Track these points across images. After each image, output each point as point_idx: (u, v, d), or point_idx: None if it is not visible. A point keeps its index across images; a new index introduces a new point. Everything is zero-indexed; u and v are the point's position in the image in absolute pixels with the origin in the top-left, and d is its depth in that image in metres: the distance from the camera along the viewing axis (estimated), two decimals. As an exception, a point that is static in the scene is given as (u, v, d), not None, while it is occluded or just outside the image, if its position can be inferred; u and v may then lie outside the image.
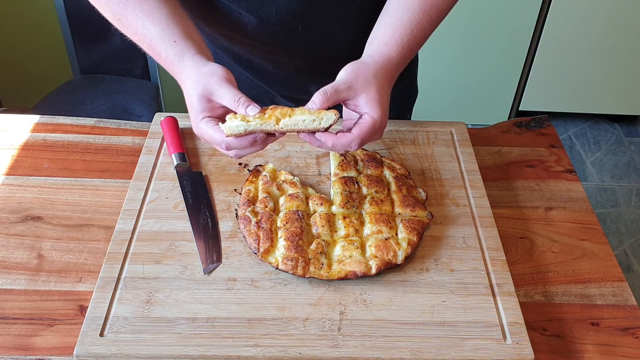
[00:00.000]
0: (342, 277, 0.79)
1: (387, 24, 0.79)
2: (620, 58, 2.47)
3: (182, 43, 0.75)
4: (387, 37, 0.78)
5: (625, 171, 2.52)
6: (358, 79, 0.74)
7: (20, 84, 2.50)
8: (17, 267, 0.85)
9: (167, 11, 0.77)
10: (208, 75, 0.73)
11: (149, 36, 0.76)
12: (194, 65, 0.74)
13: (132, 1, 0.76)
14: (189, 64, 0.75)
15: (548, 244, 0.92)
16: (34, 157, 1.03)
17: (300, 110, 0.74)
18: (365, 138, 0.74)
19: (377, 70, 0.76)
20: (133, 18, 0.76)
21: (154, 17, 0.76)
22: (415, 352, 0.72)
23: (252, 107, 0.72)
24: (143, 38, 0.77)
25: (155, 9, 0.76)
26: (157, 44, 0.76)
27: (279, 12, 0.86)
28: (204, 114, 0.74)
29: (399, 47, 0.78)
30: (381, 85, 0.75)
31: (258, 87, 1.05)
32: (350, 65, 0.76)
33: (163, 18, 0.76)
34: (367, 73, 0.75)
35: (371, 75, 0.75)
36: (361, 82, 0.74)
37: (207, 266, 0.81)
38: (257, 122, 0.73)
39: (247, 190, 0.90)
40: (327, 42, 0.93)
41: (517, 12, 2.33)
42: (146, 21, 0.76)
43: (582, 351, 0.78)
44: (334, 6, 0.88)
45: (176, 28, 0.76)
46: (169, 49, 0.75)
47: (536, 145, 1.10)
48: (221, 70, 0.73)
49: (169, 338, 0.73)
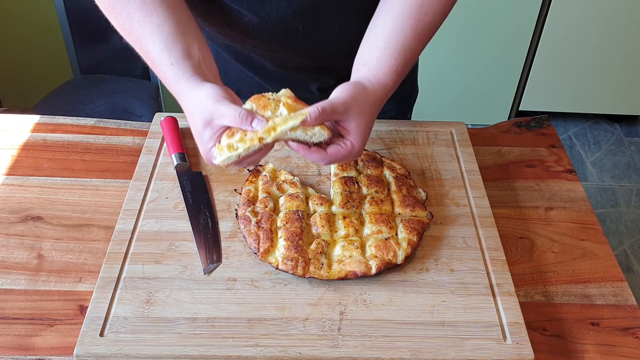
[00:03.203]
0: (342, 277, 0.79)
1: (382, 48, 0.79)
2: (620, 58, 2.47)
3: (179, 65, 0.74)
4: (384, 64, 0.78)
5: (625, 171, 2.52)
6: (356, 104, 0.74)
7: (20, 84, 2.50)
8: (17, 267, 0.85)
9: (170, 28, 0.75)
10: (205, 98, 0.72)
11: (151, 56, 0.76)
12: (189, 90, 0.74)
13: (138, 19, 0.76)
14: (185, 88, 0.74)
15: (548, 244, 0.92)
16: (34, 157, 1.03)
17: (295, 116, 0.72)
18: (336, 160, 0.75)
19: (374, 100, 0.76)
20: (138, 35, 0.76)
21: (155, 37, 0.75)
22: (415, 352, 0.72)
23: (257, 121, 0.71)
24: (146, 56, 0.77)
25: (158, 28, 0.75)
26: (157, 64, 0.76)
27: (279, 12, 0.86)
28: (212, 142, 0.73)
29: (394, 74, 0.78)
30: (372, 117, 0.76)
31: (258, 85, 1.05)
32: (352, 87, 0.75)
33: (164, 37, 0.75)
34: (364, 102, 0.75)
35: (368, 105, 0.75)
36: (357, 109, 0.74)
37: (207, 266, 0.81)
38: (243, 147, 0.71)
39: (247, 190, 0.90)
40: (327, 41, 0.93)
41: (517, 12, 2.33)
42: (148, 40, 0.75)
43: (582, 351, 0.78)
44: (335, 6, 0.88)
45: (175, 48, 0.75)
46: (167, 72, 0.75)
47: (536, 145, 1.10)
48: (216, 90, 0.72)
49: (169, 338, 0.73)
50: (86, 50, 1.94)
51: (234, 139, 0.71)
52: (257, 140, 0.70)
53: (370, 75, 0.78)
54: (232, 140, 0.71)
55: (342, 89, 0.75)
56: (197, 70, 0.75)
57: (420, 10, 0.78)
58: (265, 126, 0.71)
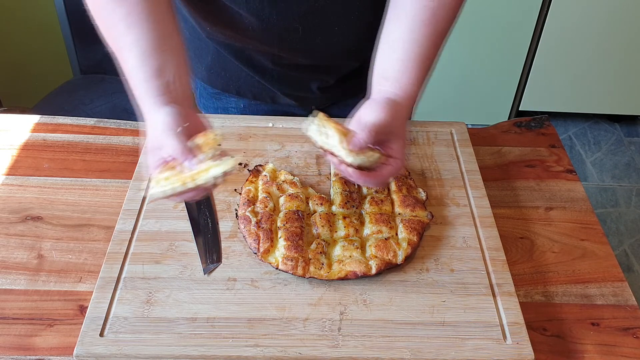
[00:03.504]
0: (342, 277, 0.79)
1: (403, 60, 0.79)
2: (620, 58, 2.46)
3: (148, 83, 0.74)
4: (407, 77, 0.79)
5: (625, 171, 2.51)
6: (396, 122, 0.76)
7: (20, 84, 2.50)
8: (17, 267, 0.85)
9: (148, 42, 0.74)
10: (158, 125, 0.72)
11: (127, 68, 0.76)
12: (151, 111, 0.74)
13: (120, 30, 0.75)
14: (148, 108, 0.74)
15: (548, 244, 0.92)
16: (34, 157, 1.02)
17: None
18: (388, 179, 0.79)
19: (407, 114, 0.79)
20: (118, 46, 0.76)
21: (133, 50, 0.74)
22: (415, 352, 0.72)
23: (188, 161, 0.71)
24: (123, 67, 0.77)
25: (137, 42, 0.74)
26: (130, 77, 0.76)
27: (279, 14, 0.86)
28: (152, 169, 0.74)
29: (418, 86, 0.80)
30: (407, 130, 0.79)
31: (258, 84, 1.05)
32: (387, 106, 0.76)
33: (141, 52, 0.74)
34: (401, 118, 0.77)
35: (404, 120, 0.78)
36: (398, 126, 0.77)
37: (207, 266, 0.81)
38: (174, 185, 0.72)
39: (247, 190, 0.90)
40: (327, 42, 0.93)
41: (517, 12, 2.33)
42: (126, 52, 0.75)
43: (582, 351, 0.78)
44: (335, 8, 0.88)
45: (149, 65, 0.74)
46: (137, 87, 0.75)
47: (536, 145, 1.10)
48: (172, 118, 0.72)
49: (169, 338, 0.73)
50: (86, 50, 1.94)
51: (162, 175, 0.72)
52: (190, 180, 0.71)
53: (396, 90, 0.78)
54: (161, 176, 0.72)
55: (379, 109, 0.75)
56: (164, 90, 0.74)
57: (433, 18, 0.78)
58: (200, 167, 0.71)
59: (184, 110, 0.74)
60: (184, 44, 0.80)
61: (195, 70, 1.09)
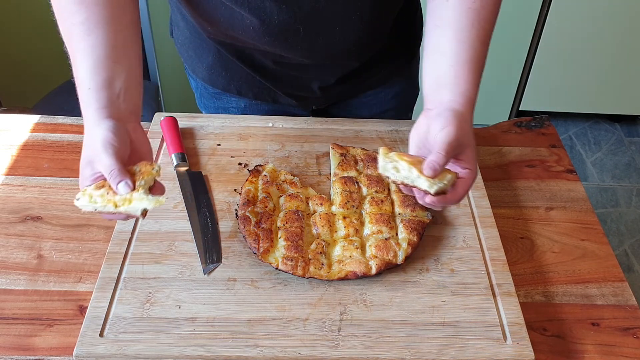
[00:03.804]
0: (342, 277, 0.79)
1: (458, 65, 0.77)
2: (620, 58, 2.46)
3: (94, 93, 0.72)
4: (464, 82, 0.78)
5: (625, 171, 2.51)
6: (464, 134, 0.74)
7: (20, 84, 2.50)
8: (16, 267, 0.85)
9: (101, 53, 0.73)
10: (96, 139, 0.70)
11: (77, 74, 0.74)
12: (91, 123, 0.72)
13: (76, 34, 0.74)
14: (89, 119, 0.72)
15: (548, 244, 0.92)
16: (33, 157, 1.02)
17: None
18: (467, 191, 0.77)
19: (470, 120, 0.77)
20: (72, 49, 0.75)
21: (85, 57, 0.73)
22: (415, 353, 0.72)
23: (123, 183, 0.69)
24: (75, 73, 0.75)
25: (90, 49, 0.73)
26: (78, 84, 0.74)
27: (280, 15, 0.86)
28: (87, 181, 0.72)
29: (475, 88, 0.78)
30: (474, 136, 0.77)
31: (259, 84, 1.05)
32: (454, 119, 0.74)
33: (92, 60, 0.73)
34: (468, 127, 0.76)
35: (470, 129, 0.76)
36: (467, 138, 0.75)
37: (206, 266, 0.81)
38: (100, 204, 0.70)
39: (247, 190, 0.90)
40: (328, 43, 0.93)
41: (517, 12, 2.32)
42: (79, 58, 0.73)
43: (583, 351, 0.78)
44: (336, 9, 0.88)
45: (98, 74, 0.73)
46: (82, 95, 0.74)
47: (536, 145, 1.10)
48: (109, 134, 0.70)
49: (168, 338, 0.73)
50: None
51: (98, 192, 0.70)
52: (112, 204, 0.70)
53: (456, 97, 0.77)
54: (96, 192, 0.70)
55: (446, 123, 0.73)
56: (109, 103, 0.73)
57: (478, 19, 0.78)
58: (125, 196, 0.69)
59: (125, 127, 0.72)
60: (140, 57, 0.79)
61: (195, 70, 1.09)
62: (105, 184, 0.71)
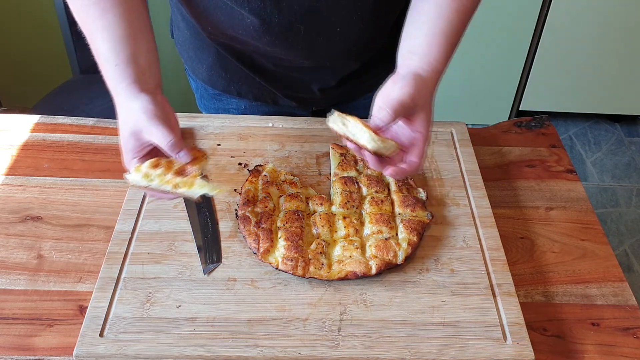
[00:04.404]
0: (342, 277, 0.79)
1: (431, 35, 0.79)
2: (620, 58, 2.46)
3: (122, 68, 0.74)
4: (434, 51, 0.79)
5: (625, 171, 2.51)
6: (421, 96, 0.75)
7: (20, 84, 2.50)
8: (16, 267, 0.85)
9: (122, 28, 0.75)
10: (138, 111, 0.72)
11: (98, 52, 0.76)
12: (126, 97, 0.74)
13: (92, 14, 0.75)
14: (123, 93, 0.74)
15: (548, 244, 0.92)
16: (33, 157, 1.02)
17: (362, 128, 0.73)
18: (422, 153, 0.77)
19: (432, 87, 0.78)
20: (90, 29, 0.76)
21: (106, 35, 0.75)
22: (415, 353, 0.72)
23: (184, 153, 0.73)
24: (95, 52, 0.77)
25: (110, 26, 0.75)
26: (102, 62, 0.76)
27: (281, 14, 0.86)
28: (133, 153, 0.74)
29: (445, 59, 0.80)
30: (432, 104, 0.78)
31: (259, 85, 1.05)
32: (412, 80, 0.75)
33: (114, 37, 0.74)
34: (427, 92, 0.77)
35: (429, 94, 0.77)
36: (423, 100, 0.76)
37: (206, 266, 0.81)
38: (157, 182, 0.72)
39: (247, 190, 0.90)
40: (329, 43, 0.93)
41: (517, 12, 2.32)
42: (99, 37, 0.75)
43: (583, 351, 0.78)
44: (337, 9, 0.88)
45: (123, 50, 0.74)
46: (109, 72, 0.75)
47: (536, 145, 1.10)
48: (152, 106, 0.72)
49: (168, 338, 0.73)
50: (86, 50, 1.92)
51: (154, 171, 0.72)
52: (171, 185, 0.72)
53: (423, 64, 0.78)
54: (153, 172, 0.72)
55: (404, 83, 0.75)
56: (138, 77, 0.75)
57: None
58: (186, 178, 0.72)
59: (161, 101, 0.74)
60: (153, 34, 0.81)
61: (196, 71, 1.09)
62: (160, 162, 0.73)
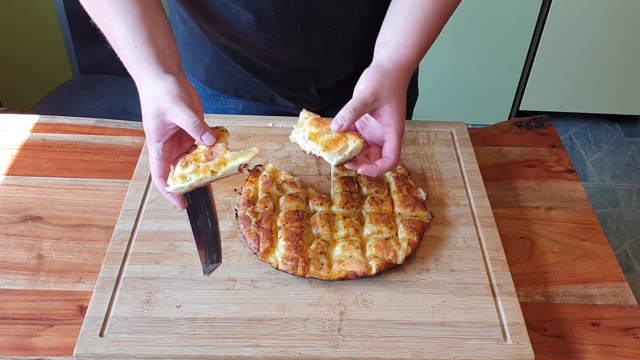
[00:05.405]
0: (342, 277, 0.79)
1: (403, 24, 0.78)
2: (620, 58, 2.46)
3: (143, 49, 0.73)
4: (405, 39, 0.77)
5: (625, 171, 2.51)
6: (383, 89, 0.74)
7: (20, 84, 2.50)
8: (16, 267, 0.85)
9: (137, 12, 0.75)
10: (163, 92, 0.71)
11: (115, 38, 0.75)
12: (150, 78, 0.73)
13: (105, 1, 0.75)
14: (146, 74, 0.73)
15: (548, 244, 0.92)
16: (33, 157, 1.02)
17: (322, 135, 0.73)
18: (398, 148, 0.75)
19: (399, 77, 0.76)
20: (104, 17, 0.76)
21: (122, 19, 0.74)
22: (415, 353, 0.72)
23: (208, 134, 0.72)
24: (111, 39, 0.76)
25: (125, 11, 0.74)
26: (120, 47, 0.75)
27: (277, 10, 0.86)
28: (156, 135, 0.73)
29: (417, 49, 0.78)
30: (402, 93, 0.76)
31: (257, 86, 1.05)
32: (374, 73, 0.74)
33: (130, 21, 0.74)
34: (391, 82, 0.75)
35: (395, 85, 0.75)
36: (386, 92, 0.74)
37: (206, 266, 0.81)
38: (195, 178, 0.73)
39: (247, 190, 0.90)
40: (326, 41, 0.93)
41: (517, 12, 2.32)
42: (114, 23, 0.75)
43: (583, 351, 0.78)
44: (334, 5, 0.88)
45: (141, 32, 0.74)
46: (129, 55, 0.74)
47: (536, 145, 1.10)
48: (176, 87, 0.72)
49: (168, 338, 0.73)
50: (86, 50, 1.93)
51: (187, 170, 0.73)
52: (209, 173, 0.73)
53: (391, 54, 0.77)
54: (186, 171, 0.73)
55: (366, 78, 0.74)
56: (160, 58, 0.74)
57: None
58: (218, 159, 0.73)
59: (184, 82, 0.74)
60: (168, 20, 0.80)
61: (194, 71, 1.09)
62: (187, 160, 0.73)
